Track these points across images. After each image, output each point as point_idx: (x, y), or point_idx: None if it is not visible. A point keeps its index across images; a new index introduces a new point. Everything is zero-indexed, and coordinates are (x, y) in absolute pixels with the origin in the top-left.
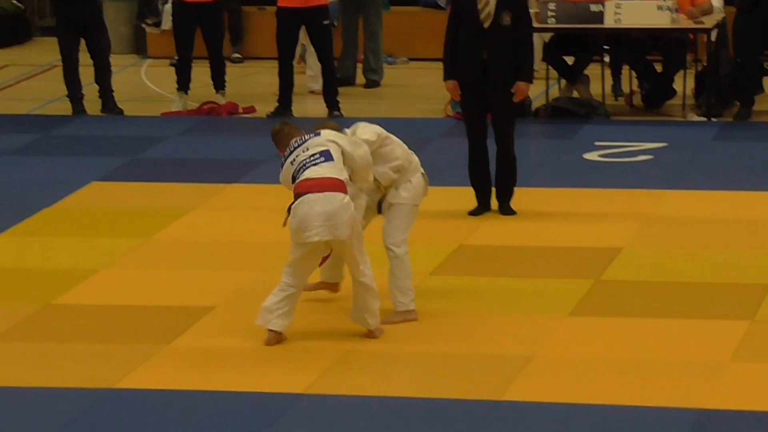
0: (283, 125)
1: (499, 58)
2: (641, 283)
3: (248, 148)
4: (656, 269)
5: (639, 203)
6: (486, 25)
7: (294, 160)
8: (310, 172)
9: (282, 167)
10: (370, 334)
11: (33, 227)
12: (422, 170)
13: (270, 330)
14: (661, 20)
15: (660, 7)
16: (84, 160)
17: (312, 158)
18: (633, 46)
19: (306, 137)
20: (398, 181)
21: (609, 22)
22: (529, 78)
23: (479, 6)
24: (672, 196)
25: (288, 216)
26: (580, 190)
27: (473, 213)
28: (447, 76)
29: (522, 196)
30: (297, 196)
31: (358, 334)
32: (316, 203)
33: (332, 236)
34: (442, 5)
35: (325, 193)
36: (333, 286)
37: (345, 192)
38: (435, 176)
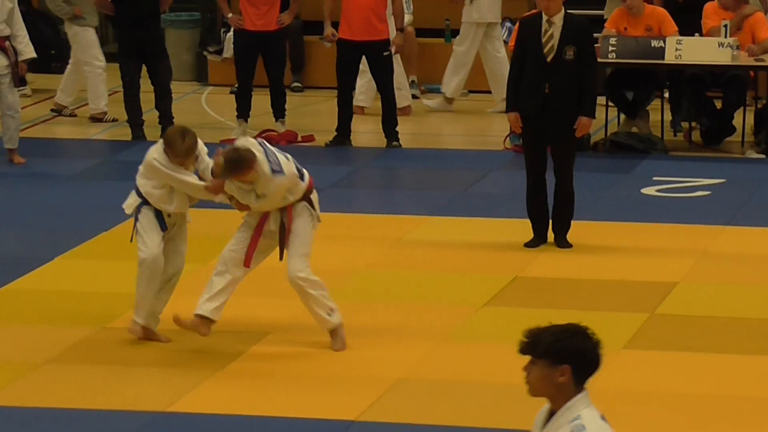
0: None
1: (561, 92)
2: (697, 317)
3: None
4: (712, 304)
5: (696, 239)
6: (549, 59)
7: (288, 157)
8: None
9: (278, 165)
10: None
11: (90, 251)
12: None
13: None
14: (722, 57)
15: (721, 44)
16: None
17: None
18: (693, 83)
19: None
20: None
21: (670, 57)
22: (591, 113)
23: (543, 40)
24: (729, 232)
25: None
26: (637, 225)
27: (529, 245)
28: (509, 109)
29: (579, 230)
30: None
31: (411, 360)
32: None
33: None
34: (505, 39)
35: None
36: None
37: None
38: (492, 208)
